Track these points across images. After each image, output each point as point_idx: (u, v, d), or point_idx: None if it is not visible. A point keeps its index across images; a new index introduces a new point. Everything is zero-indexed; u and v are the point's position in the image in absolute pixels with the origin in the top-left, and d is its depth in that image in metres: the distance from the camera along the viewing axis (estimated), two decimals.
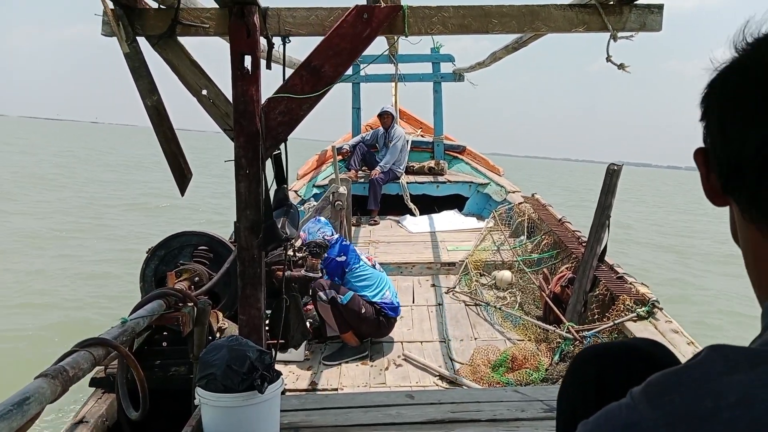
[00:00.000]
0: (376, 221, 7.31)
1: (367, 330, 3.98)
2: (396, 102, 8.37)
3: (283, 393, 2.55)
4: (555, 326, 3.87)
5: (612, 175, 4.00)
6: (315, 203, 6.20)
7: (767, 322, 0.54)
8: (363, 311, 3.85)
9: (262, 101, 2.46)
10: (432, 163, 7.91)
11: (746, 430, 0.43)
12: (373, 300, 3.91)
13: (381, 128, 7.75)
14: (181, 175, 2.58)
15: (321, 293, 3.78)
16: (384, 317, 3.96)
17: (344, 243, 4.10)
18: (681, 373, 0.50)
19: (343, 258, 3.94)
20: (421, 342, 4.22)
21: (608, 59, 2.31)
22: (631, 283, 3.79)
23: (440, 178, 7.78)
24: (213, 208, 16.65)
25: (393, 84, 8.28)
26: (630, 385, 0.53)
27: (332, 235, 4.10)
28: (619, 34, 2.40)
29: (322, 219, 4.33)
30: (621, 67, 2.33)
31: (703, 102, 0.61)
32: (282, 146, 2.50)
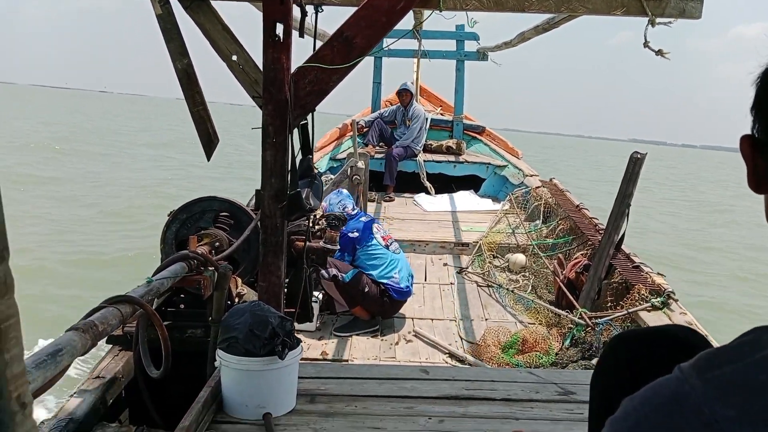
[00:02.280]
0: (391, 198, 7.31)
1: (371, 308, 3.98)
2: (417, 78, 8.29)
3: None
4: (567, 311, 3.87)
5: (635, 163, 3.96)
6: (332, 176, 6.20)
7: None
8: (366, 290, 3.83)
9: (292, 70, 2.45)
10: (450, 143, 7.86)
11: None
12: (379, 280, 3.88)
13: (399, 105, 7.70)
14: (209, 140, 2.59)
15: (323, 271, 3.76)
16: (388, 298, 3.92)
17: (361, 219, 4.08)
18: (732, 348, 0.50)
19: (356, 234, 3.92)
20: (432, 320, 4.25)
21: (646, 45, 2.27)
22: (647, 273, 3.79)
23: (458, 158, 7.74)
24: (232, 176, 16.74)
25: (415, 60, 8.20)
26: (666, 370, 0.53)
27: (353, 209, 4.11)
28: (658, 20, 2.36)
29: (344, 191, 4.32)
30: (659, 53, 2.29)
31: (758, 91, 0.61)
32: (309, 117, 2.50)
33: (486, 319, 4.25)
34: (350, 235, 3.92)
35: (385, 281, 3.89)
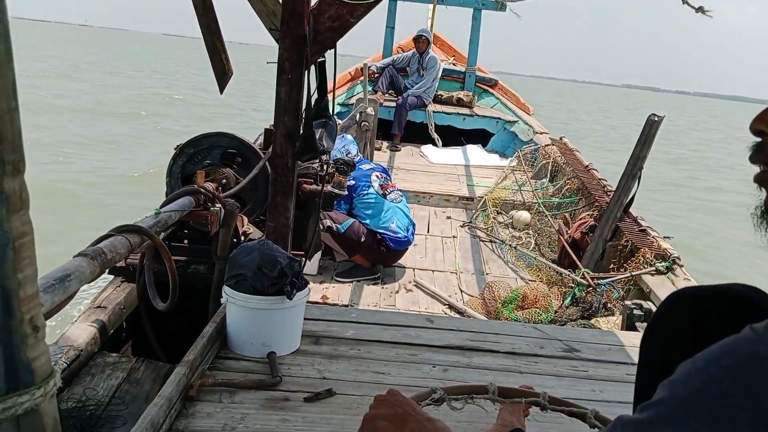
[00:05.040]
0: (397, 147, 7.21)
1: (368, 257, 3.97)
2: (432, 26, 8.06)
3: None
4: (570, 271, 3.87)
5: (651, 126, 3.88)
6: (340, 121, 6.10)
7: None
8: (362, 240, 3.80)
9: (313, 3, 2.34)
10: (462, 95, 7.70)
11: None
12: (375, 229, 3.84)
13: (415, 52, 7.49)
14: (222, 72, 2.50)
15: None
16: (385, 247, 3.88)
17: (360, 167, 3.99)
18: None
19: (353, 182, 3.86)
20: (433, 271, 4.25)
21: (684, 1, 2.16)
22: (653, 237, 3.76)
23: (467, 111, 7.61)
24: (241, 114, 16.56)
25: (431, 6, 7.94)
26: (733, 330, 0.50)
27: (357, 154, 4.04)
28: None
29: (348, 137, 4.25)
30: (700, 10, 2.19)
31: None
32: (328, 54, 2.41)
33: (487, 274, 4.26)
34: (347, 183, 3.87)
35: (381, 231, 3.84)
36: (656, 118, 3.88)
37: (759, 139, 0.63)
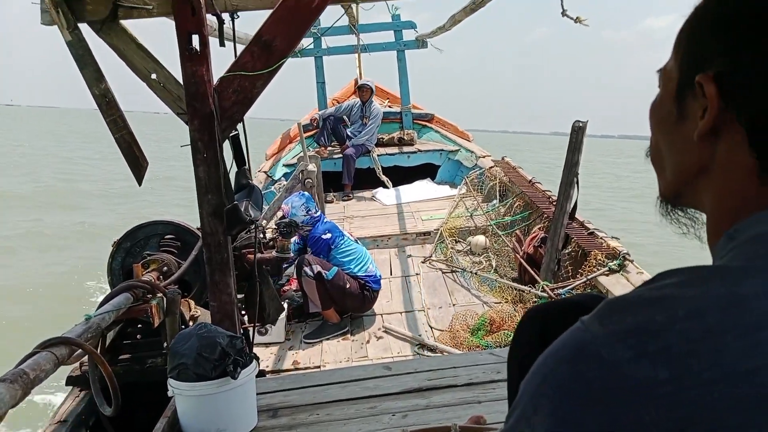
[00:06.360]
0: (349, 196, 7.26)
1: (351, 304, 4.02)
2: (360, 74, 8.25)
3: (262, 375, 2.54)
4: (530, 286, 3.91)
5: (577, 132, 4.00)
6: (285, 182, 6.13)
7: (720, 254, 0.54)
8: (348, 286, 3.89)
9: (215, 81, 2.38)
10: (401, 134, 7.85)
11: (699, 339, 0.44)
12: (358, 274, 3.96)
13: (357, 100, 7.60)
14: (137, 164, 2.50)
15: (307, 269, 3.80)
16: (368, 291, 4.00)
17: (326, 220, 4.13)
18: (633, 295, 0.50)
19: (329, 236, 3.99)
20: (401, 313, 4.24)
21: (564, 13, 2.27)
22: (602, 238, 3.84)
23: (410, 149, 7.74)
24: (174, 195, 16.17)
25: (356, 55, 8.15)
26: None
27: (316, 211, 4.12)
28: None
29: (306, 194, 4.30)
30: (577, 20, 2.30)
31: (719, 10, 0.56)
32: (239, 126, 2.44)
33: (454, 305, 4.26)
34: (324, 237, 3.97)
35: (362, 274, 3.97)
36: (580, 124, 4.01)
37: None
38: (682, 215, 0.65)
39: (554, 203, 4.54)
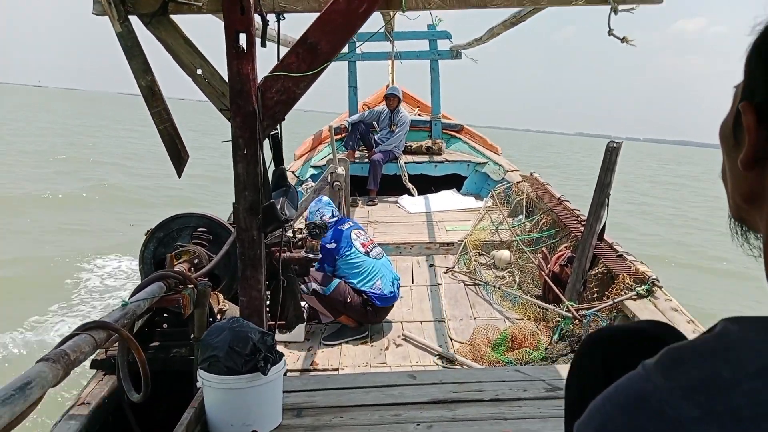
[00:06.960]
0: (374, 202, 7.29)
1: (354, 317, 3.93)
2: (393, 81, 8.29)
3: (285, 374, 2.56)
4: (554, 305, 3.87)
5: (611, 152, 3.97)
6: (313, 184, 6.17)
7: None
8: (349, 300, 3.79)
9: (259, 80, 2.41)
10: (430, 143, 7.86)
11: None
12: (362, 289, 3.84)
13: (385, 107, 7.66)
14: (178, 156, 2.55)
15: (302, 286, 3.72)
16: (371, 307, 3.87)
17: (340, 227, 4.04)
18: (697, 344, 0.48)
19: (334, 245, 3.88)
20: (421, 322, 4.23)
21: (610, 33, 2.26)
22: (630, 262, 3.79)
23: (438, 158, 7.74)
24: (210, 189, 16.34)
25: (390, 62, 8.19)
26: None
27: (332, 216, 4.07)
28: (620, 7, 2.35)
29: (324, 199, 4.29)
30: (624, 40, 2.29)
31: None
32: (279, 126, 2.47)
33: (475, 318, 4.24)
34: (328, 246, 3.88)
35: (366, 290, 3.84)
36: (615, 145, 3.98)
37: None
38: (754, 238, 0.62)
39: (582, 222, 4.51)
